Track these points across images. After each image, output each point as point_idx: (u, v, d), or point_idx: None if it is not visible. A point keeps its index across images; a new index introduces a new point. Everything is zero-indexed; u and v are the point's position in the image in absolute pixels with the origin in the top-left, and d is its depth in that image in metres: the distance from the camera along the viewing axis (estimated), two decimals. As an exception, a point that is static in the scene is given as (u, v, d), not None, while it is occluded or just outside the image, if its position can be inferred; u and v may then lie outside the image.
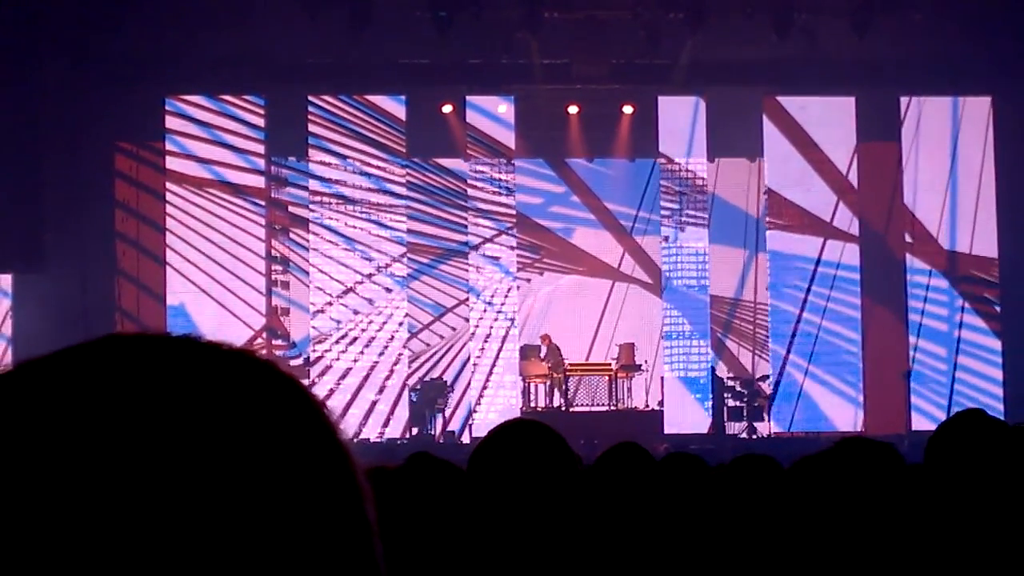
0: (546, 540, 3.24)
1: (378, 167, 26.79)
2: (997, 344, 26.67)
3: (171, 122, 26.25)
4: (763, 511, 4.33)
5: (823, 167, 26.99)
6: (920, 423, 24.87)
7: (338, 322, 26.61)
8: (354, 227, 26.68)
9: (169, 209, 26.20)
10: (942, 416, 20.83)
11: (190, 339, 1.01)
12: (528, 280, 27.03)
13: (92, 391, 0.95)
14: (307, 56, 25.09)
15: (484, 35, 24.28)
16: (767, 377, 26.12)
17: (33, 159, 23.71)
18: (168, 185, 26.22)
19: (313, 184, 26.71)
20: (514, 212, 26.96)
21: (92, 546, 0.91)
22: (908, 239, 26.92)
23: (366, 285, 26.70)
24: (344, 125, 26.71)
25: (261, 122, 26.52)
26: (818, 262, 26.97)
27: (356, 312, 26.65)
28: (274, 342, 26.36)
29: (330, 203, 26.72)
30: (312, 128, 26.65)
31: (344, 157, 26.72)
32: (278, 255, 26.66)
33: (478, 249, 26.98)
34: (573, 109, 26.44)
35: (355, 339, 26.56)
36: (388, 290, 26.76)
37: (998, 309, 26.75)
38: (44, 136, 23.94)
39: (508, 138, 26.85)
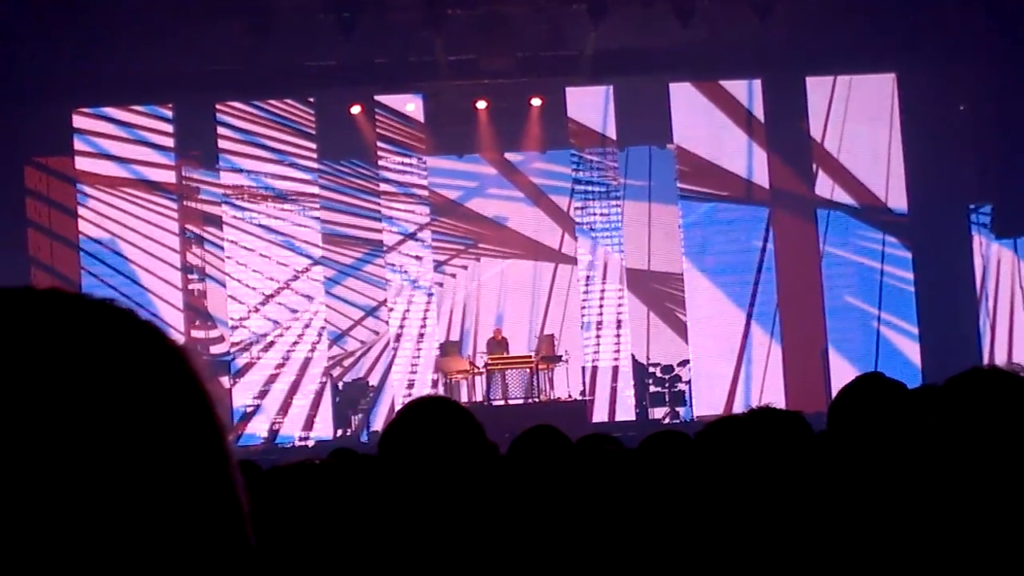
0: (462, 514, 3.31)
1: (290, 171, 26.74)
2: (913, 320, 26.99)
3: (78, 137, 26.11)
4: (676, 481, 4.43)
5: (735, 148, 27.22)
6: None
7: (267, 328, 26.54)
8: (270, 232, 26.61)
9: (82, 224, 26.04)
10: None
11: (56, 291, 1.06)
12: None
13: None
14: (212, 64, 24.97)
15: (388, 34, 24.25)
16: (687, 362, 26.23)
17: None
18: (79, 198, 26.06)
19: (225, 191, 26.60)
20: (428, 208, 27.00)
21: None
22: (821, 209, 27.19)
23: (286, 290, 26.63)
24: (253, 131, 26.63)
25: (169, 132, 26.41)
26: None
27: (277, 319, 26.59)
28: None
29: (244, 208, 26.63)
30: (221, 136, 26.55)
31: (254, 167, 26.64)
32: (194, 265, 26.53)
33: (397, 247, 26.99)
34: (481, 104, 26.49)
35: (276, 343, 26.49)
36: (309, 297, 26.70)
37: (912, 280, 27.05)
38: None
39: (418, 136, 26.90)
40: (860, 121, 27.17)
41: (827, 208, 27.22)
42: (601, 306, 27.06)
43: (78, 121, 26.09)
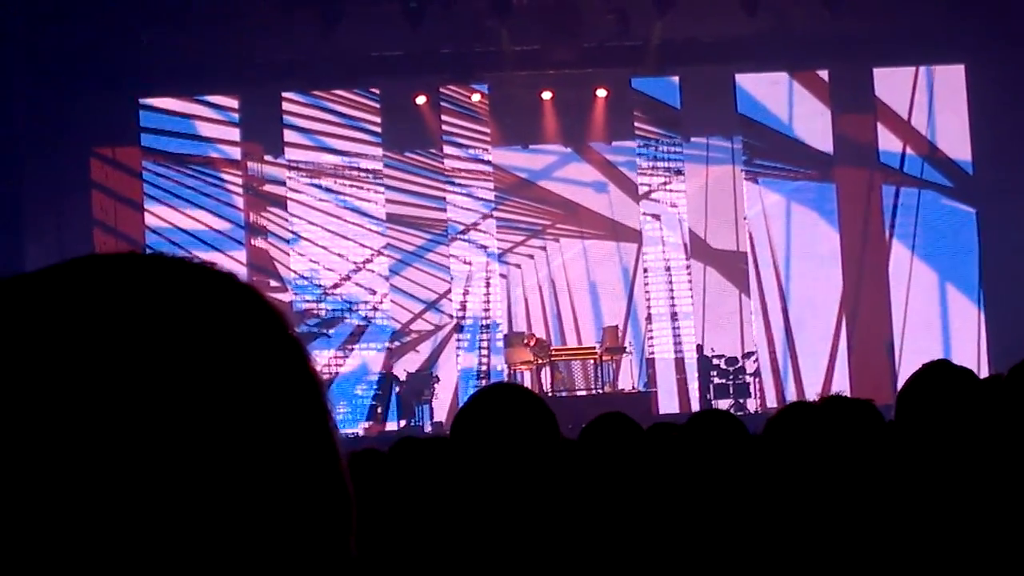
0: (532, 500, 3.32)
1: (356, 154, 26.84)
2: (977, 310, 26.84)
3: (146, 124, 26.31)
4: (740, 465, 4.43)
5: (803, 134, 27.18)
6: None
7: (330, 314, 26.67)
8: (335, 219, 26.72)
9: (148, 217, 26.22)
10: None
11: (160, 256, 1.09)
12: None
13: (64, 301, 1.02)
14: (279, 54, 25.05)
15: (455, 25, 24.29)
16: (752, 353, 26.10)
17: (11, 171, 23.63)
18: (146, 189, 26.25)
19: (289, 176, 26.73)
20: (493, 196, 27.03)
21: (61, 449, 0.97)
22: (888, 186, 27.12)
23: (352, 276, 26.74)
24: (319, 120, 26.76)
25: (235, 122, 26.56)
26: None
27: (341, 305, 26.70)
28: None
29: (308, 193, 26.74)
30: (287, 117, 26.67)
31: (319, 155, 26.77)
32: (260, 248, 26.67)
33: (463, 234, 27.05)
34: (547, 95, 26.49)
35: (339, 329, 26.62)
36: (383, 276, 26.79)
37: (978, 273, 26.90)
38: (21, 146, 23.89)
39: (483, 126, 26.94)
40: (930, 110, 27.02)
41: (896, 184, 27.15)
42: (647, 297, 27.04)
43: (146, 101, 26.27)
